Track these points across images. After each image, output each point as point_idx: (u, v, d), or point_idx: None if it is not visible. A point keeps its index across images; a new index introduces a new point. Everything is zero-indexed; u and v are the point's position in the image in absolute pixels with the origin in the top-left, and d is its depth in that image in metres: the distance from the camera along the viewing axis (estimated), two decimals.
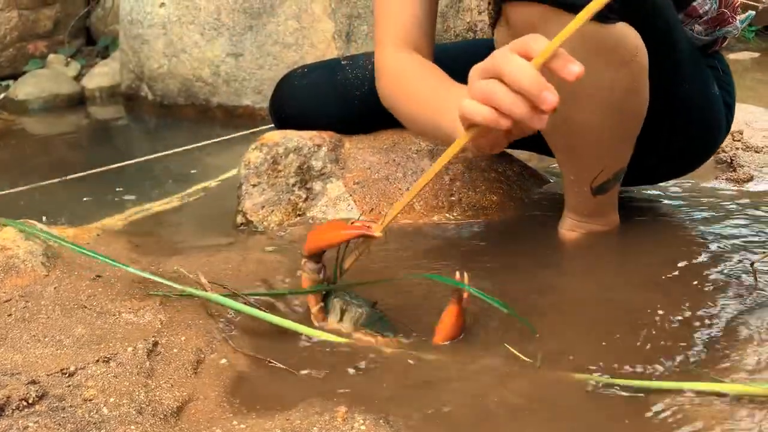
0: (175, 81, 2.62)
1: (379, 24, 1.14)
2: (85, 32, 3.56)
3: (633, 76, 0.96)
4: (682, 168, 1.27)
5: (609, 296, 0.97)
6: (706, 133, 1.19)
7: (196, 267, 1.07)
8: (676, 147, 1.18)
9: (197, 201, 1.58)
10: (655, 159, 1.18)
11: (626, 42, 0.93)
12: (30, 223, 1.09)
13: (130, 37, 2.73)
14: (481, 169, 1.36)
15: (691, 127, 1.15)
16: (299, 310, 0.94)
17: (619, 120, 1.00)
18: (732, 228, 1.19)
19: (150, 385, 0.74)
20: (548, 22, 0.89)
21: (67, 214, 1.50)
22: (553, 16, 0.89)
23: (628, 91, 0.97)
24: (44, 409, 0.68)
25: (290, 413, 0.70)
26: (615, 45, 0.93)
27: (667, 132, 1.12)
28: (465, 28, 2.35)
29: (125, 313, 0.89)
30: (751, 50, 3.38)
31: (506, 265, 1.07)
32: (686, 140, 1.17)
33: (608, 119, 0.99)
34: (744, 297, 0.93)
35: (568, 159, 1.08)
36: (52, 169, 2.13)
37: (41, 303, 0.89)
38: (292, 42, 2.45)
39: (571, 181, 1.09)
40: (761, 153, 1.57)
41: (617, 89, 0.96)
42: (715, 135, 1.21)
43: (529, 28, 0.90)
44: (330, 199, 1.32)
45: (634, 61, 0.95)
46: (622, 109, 0.99)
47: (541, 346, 0.81)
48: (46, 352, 0.79)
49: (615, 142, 1.03)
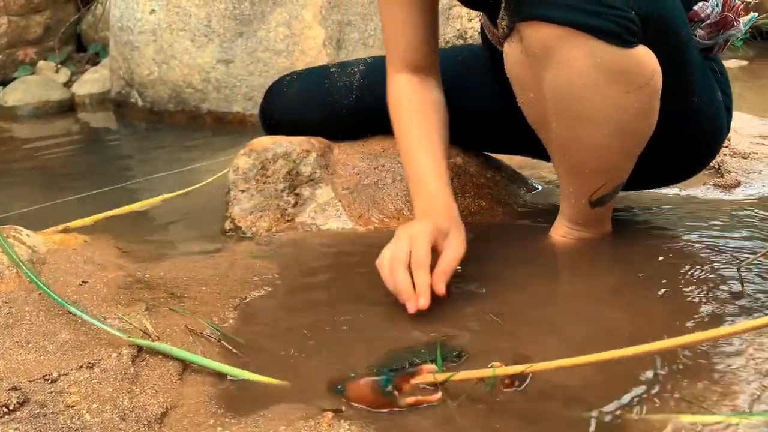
0: (165, 87, 2.62)
1: (385, 46, 1.18)
2: (76, 39, 3.55)
3: (646, 99, 0.94)
4: (685, 173, 1.26)
5: (599, 308, 0.96)
6: (710, 140, 1.19)
7: (184, 273, 1.07)
8: (683, 155, 1.17)
9: (185, 206, 1.57)
10: (660, 167, 1.18)
11: (644, 66, 0.92)
12: (16, 228, 1.08)
13: (121, 44, 2.73)
14: (470, 175, 1.36)
15: (698, 136, 1.15)
16: None
17: (626, 140, 0.99)
18: (719, 233, 1.19)
19: (134, 391, 0.73)
20: (567, 44, 0.88)
21: (52, 216, 1.49)
22: (572, 39, 0.88)
23: (639, 114, 0.96)
24: (25, 416, 0.67)
25: (275, 420, 0.69)
26: (632, 69, 0.91)
27: (676, 142, 1.11)
28: (455, 35, 2.36)
29: (110, 319, 0.88)
30: (739, 58, 3.40)
31: (495, 273, 1.07)
32: (692, 148, 1.17)
33: (616, 140, 0.98)
34: (731, 304, 0.93)
35: (570, 174, 1.07)
36: (42, 176, 2.13)
37: (25, 309, 0.88)
38: (282, 49, 2.45)
39: (570, 193, 1.09)
40: (748, 159, 1.58)
41: (629, 112, 0.94)
42: (718, 140, 1.21)
43: (544, 48, 0.90)
44: (319, 204, 1.31)
45: (648, 85, 0.93)
46: (631, 130, 0.98)
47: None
48: (29, 358, 0.79)
49: (619, 161, 1.03)
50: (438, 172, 1.08)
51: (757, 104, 2.48)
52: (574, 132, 0.98)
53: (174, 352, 0.80)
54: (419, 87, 1.16)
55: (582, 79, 0.91)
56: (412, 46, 1.15)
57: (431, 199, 1.05)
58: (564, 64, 0.90)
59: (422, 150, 1.10)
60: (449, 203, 1.05)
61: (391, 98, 1.17)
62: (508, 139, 1.37)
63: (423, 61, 1.16)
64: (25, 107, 2.97)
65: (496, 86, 1.30)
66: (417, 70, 1.16)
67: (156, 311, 0.92)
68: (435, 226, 0.97)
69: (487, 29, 1.26)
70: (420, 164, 1.09)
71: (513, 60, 0.97)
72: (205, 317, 0.92)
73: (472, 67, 1.33)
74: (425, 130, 1.12)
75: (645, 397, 0.73)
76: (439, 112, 1.15)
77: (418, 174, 1.08)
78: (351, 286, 1.06)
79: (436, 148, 1.10)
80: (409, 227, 0.98)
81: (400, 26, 1.14)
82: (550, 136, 1.02)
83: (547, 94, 0.95)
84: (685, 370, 0.78)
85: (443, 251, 0.97)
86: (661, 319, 0.91)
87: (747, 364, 0.78)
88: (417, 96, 1.15)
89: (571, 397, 0.73)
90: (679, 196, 1.41)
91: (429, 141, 1.10)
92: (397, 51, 1.16)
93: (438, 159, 1.09)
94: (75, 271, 1.00)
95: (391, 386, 0.71)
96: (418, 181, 1.08)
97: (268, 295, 1.02)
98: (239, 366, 0.83)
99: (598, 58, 0.89)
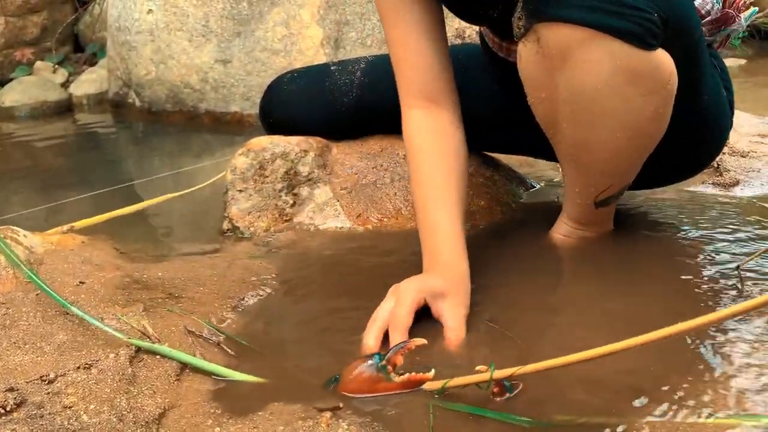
0: (163, 87, 2.61)
1: (396, 77, 1.09)
2: (73, 39, 3.55)
3: (662, 103, 0.93)
4: (691, 170, 1.26)
5: (602, 309, 0.95)
6: (716, 136, 1.19)
7: (182, 273, 1.06)
8: (690, 153, 1.17)
9: (183, 207, 1.57)
10: (667, 165, 1.18)
11: (662, 69, 0.91)
12: (13, 229, 1.08)
13: (118, 44, 2.72)
14: (468, 174, 1.36)
15: (706, 133, 1.14)
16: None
17: (638, 143, 0.98)
18: (718, 232, 1.19)
19: (132, 391, 0.73)
20: (587, 45, 0.87)
21: (51, 217, 1.49)
22: (593, 40, 0.86)
23: (653, 117, 0.95)
24: (22, 417, 0.67)
25: (273, 420, 0.69)
26: (651, 72, 0.90)
27: (684, 140, 1.10)
28: (453, 34, 2.36)
29: (108, 320, 0.88)
30: (738, 57, 3.40)
31: (496, 273, 1.06)
32: (699, 146, 1.17)
33: (628, 142, 0.97)
34: (731, 302, 0.93)
35: (578, 174, 1.05)
36: (40, 177, 2.12)
37: (22, 309, 0.88)
38: (280, 48, 2.44)
39: (575, 193, 1.08)
40: (747, 157, 1.58)
41: (644, 115, 0.93)
42: (722, 138, 1.20)
43: (563, 49, 0.88)
44: (317, 204, 1.31)
45: (665, 89, 0.92)
46: (644, 133, 0.97)
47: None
48: (26, 359, 0.78)
49: (629, 163, 1.02)
50: (452, 231, 0.99)
51: (756, 103, 2.48)
52: (586, 134, 0.97)
53: (174, 354, 0.80)
54: (437, 125, 1.07)
55: (599, 81, 0.89)
56: (427, 74, 1.06)
57: (436, 255, 0.97)
58: (582, 65, 0.89)
59: (440, 204, 1.01)
60: (456, 262, 0.96)
61: (407, 137, 1.07)
62: (507, 138, 1.36)
63: (439, 89, 1.08)
64: (22, 108, 2.97)
65: (495, 85, 1.29)
66: (432, 101, 1.07)
67: (154, 312, 0.91)
68: (427, 286, 0.91)
69: (487, 38, 1.25)
70: (434, 219, 1.00)
71: (527, 59, 0.95)
72: (203, 317, 0.92)
73: (472, 67, 1.33)
74: (444, 183, 1.03)
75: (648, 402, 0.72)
76: (460, 160, 1.06)
77: (432, 230, 1.00)
78: (349, 286, 1.06)
79: (453, 206, 1.01)
80: (401, 284, 0.92)
81: (412, 54, 1.06)
82: (559, 137, 1.01)
83: (561, 95, 0.94)
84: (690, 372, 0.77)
85: (444, 323, 0.89)
86: (662, 317, 0.91)
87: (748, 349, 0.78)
88: (437, 140, 1.06)
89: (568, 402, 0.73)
90: (678, 195, 1.41)
91: (447, 196, 1.01)
92: (409, 82, 1.07)
93: (454, 217, 1.00)
94: (72, 272, 0.99)
95: (384, 361, 0.71)
96: (429, 236, 1.00)
97: (266, 296, 1.02)
98: (237, 366, 0.82)
99: (618, 60, 0.88)
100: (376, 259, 1.14)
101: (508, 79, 1.15)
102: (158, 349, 0.80)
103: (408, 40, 1.06)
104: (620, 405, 0.71)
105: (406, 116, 1.09)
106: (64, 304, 0.87)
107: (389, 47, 1.09)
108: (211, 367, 0.80)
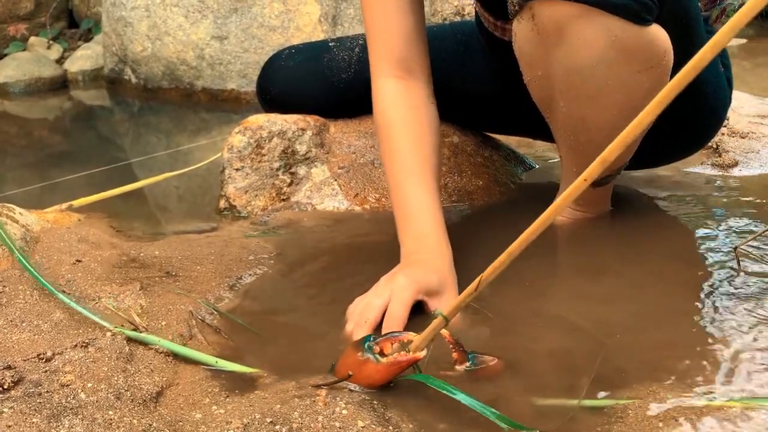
0: (158, 64, 2.59)
1: (369, 46, 1.05)
2: (68, 14, 3.50)
3: (657, 79, 0.92)
4: (688, 149, 1.25)
5: (599, 288, 0.95)
6: (714, 114, 1.18)
7: (178, 252, 1.06)
8: (687, 131, 1.16)
9: (180, 185, 1.56)
10: (664, 144, 1.17)
11: (657, 45, 0.90)
12: (8, 207, 1.07)
13: (113, 20, 2.69)
14: (467, 154, 1.36)
15: (703, 111, 1.14)
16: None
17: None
18: (716, 213, 1.19)
19: (129, 370, 0.73)
20: (582, 21, 0.86)
21: (47, 195, 1.48)
22: (588, 16, 0.85)
23: (649, 94, 0.93)
24: (20, 395, 0.67)
25: (270, 398, 0.69)
26: (646, 48, 0.90)
27: (680, 118, 1.10)
28: (452, 11, 2.33)
29: (105, 298, 0.87)
30: (738, 37, 3.38)
31: (494, 254, 1.06)
32: (697, 123, 1.16)
33: (624, 120, 0.94)
34: (728, 283, 0.93)
35: (575, 154, 1.05)
36: (35, 154, 2.11)
37: (19, 288, 0.88)
38: (277, 25, 2.42)
39: (573, 173, 1.07)
40: (746, 138, 1.58)
41: (639, 91, 0.92)
42: (721, 114, 1.20)
43: (558, 26, 0.88)
44: (315, 183, 1.30)
45: (660, 65, 0.92)
46: (639, 110, 0.95)
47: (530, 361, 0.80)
48: (23, 338, 0.78)
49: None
50: (431, 208, 0.95)
51: (756, 83, 2.47)
52: (582, 111, 0.96)
53: (163, 344, 0.78)
54: (412, 97, 1.03)
55: (594, 57, 0.89)
56: (406, 41, 1.03)
57: (421, 239, 0.93)
58: (577, 42, 0.88)
59: (414, 179, 0.97)
60: (441, 248, 0.93)
61: (379, 109, 1.03)
62: (506, 119, 1.35)
63: (416, 59, 1.04)
64: (16, 84, 2.94)
65: (493, 65, 1.28)
66: (408, 71, 1.04)
67: (150, 290, 0.91)
68: (424, 285, 0.87)
69: (483, 18, 1.24)
70: (411, 196, 0.96)
71: (522, 37, 0.94)
72: (200, 296, 0.91)
73: (471, 45, 1.31)
74: (418, 156, 0.99)
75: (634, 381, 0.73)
76: (434, 131, 1.03)
77: (408, 207, 0.96)
78: (347, 266, 1.06)
79: (429, 179, 0.97)
80: (393, 279, 0.86)
81: (392, 20, 1.02)
82: (555, 116, 1.01)
83: (556, 73, 0.93)
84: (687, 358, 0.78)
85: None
86: (660, 297, 0.91)
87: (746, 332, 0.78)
88: (410, 111, 1.02)
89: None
90: (677, 175, 1.41)
91: (422, 170, 0.98)
92: (387, 49, 1.03)
93: (431, 192, 0.97)
94: (69, 250, 0.99)
95: (371, 341, 0.71)
96: (407, 215, 0.95)
97: (263, 275, 1.01)
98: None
99: (612, 36, 0.87)
100: (374, 238, 1.14)
101: (504, 59, 1.14)
102: (144, 338, 0.78)
103: (387, 5, 1.02)
104: (619, 388, 0.72)
105: (379, 85, 1.04)
106: (51, 290, 0.86)
107: (365, 13, 1.05)
108: (197, 356, 0.78)
